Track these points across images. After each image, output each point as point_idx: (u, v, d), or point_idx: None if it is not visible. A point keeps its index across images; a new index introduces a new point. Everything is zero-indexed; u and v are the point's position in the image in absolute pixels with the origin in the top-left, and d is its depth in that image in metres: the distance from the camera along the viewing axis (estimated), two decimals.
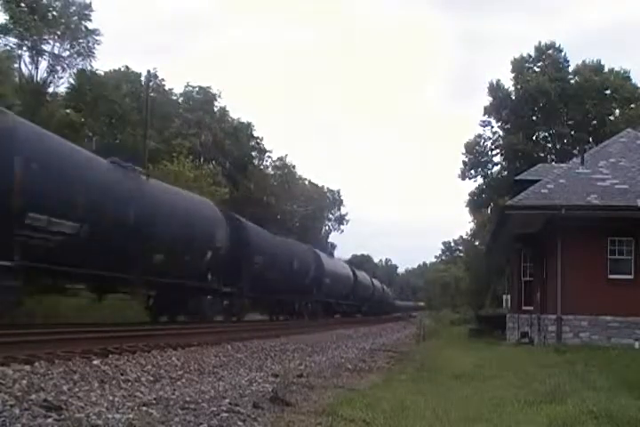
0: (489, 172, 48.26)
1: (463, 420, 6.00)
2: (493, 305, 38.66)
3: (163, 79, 47.01)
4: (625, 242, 17.79)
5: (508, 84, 46.71)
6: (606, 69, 45.99)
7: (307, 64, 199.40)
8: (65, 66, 36.94)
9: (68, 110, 37.75)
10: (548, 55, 46.68)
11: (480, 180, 48.11)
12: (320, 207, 72.42)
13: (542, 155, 45.01)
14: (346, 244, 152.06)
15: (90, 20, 36.62)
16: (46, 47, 36.06)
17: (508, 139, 45.17)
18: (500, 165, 47.89)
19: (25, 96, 33.08)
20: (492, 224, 29.95)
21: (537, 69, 46.23)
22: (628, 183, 18.68)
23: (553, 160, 41.37)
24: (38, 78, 36.63)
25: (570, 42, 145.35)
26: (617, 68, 46.38)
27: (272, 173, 61.61)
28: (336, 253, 68.64)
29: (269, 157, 61.37)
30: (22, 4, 33.93)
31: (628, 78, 45.80)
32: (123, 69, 45.03)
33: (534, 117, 46.30)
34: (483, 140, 47.65)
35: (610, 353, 14.10)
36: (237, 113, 57.66)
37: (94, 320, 17.06)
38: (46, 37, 35.61)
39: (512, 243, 23.07)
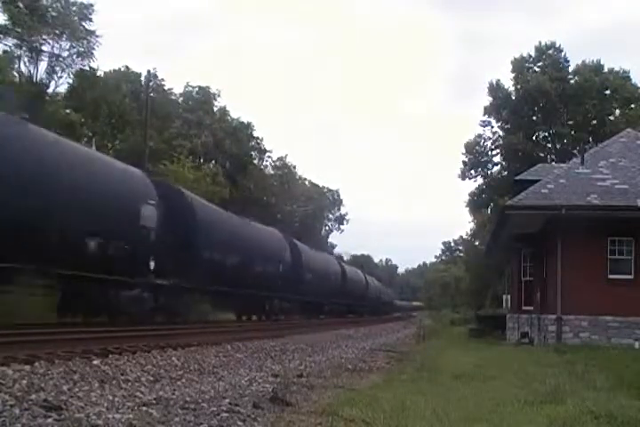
0: (489, 172, 48.33)
1: (463, 420, 5.99)
2: (493, 305, 38.67)
3: (163, 79, 47.05)
4: (625, 242, 17.79)
5: (508, 84, 46.82)
6: (606, 69, 46.00)
7: (307, 64, 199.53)
8: (64, 66, 36.97)
9: (68, 110, 37.78)
10: (548, 55, 46.68)
11: (480, 180, 48.21)
12: (320, 207, 72.45)
13: (542, 155, 45.00)
14: (346, 244, 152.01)
15: (90, 21, 36.69)
16: (45, 48, 36.11)
17: (508, 139, 45.17)
18: (500, 165, 47.95)
19: (24, 96, 33.04)
20: (491, 224, 29.95)
21: (537, 69, 46.22)
22: (628, 183, 18.68)
23: (553, 160, 41.37)
24: (38, 79, 36.66)
25: (570, 42, 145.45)
26: (617, 68, 46.47)
27: (272, 173, 61.62)
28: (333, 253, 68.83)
29: (269, 157, 61.44)
30: (21, 5, 33.91)
31: (628, 78, 45.81)
32: (123, 69, 45.07)
33: (534, 117, 46.31)
34: (483, 140, 47.68)
35: (610, 353, 14.08)
36: (237, 113, 57.52)
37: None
38: (45, 37, 35.62)
39: (512, 243, 23.07)
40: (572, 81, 45.84)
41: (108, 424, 5.18)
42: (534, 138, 46.68)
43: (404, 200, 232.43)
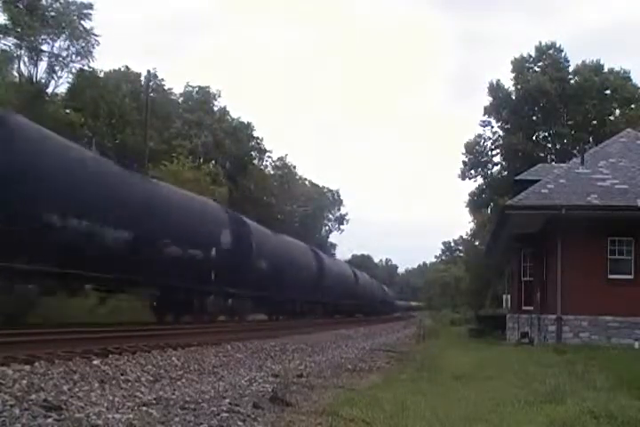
0: (489, 172, 48.33)
1: (463, 420, 5.99)
2: (493, 305, 38.66)
3: (163, 79, 47.15)
4: (625, 242, 17.79)
5: (508, 84, 46.87)
6: (606, 69, 46.05)
7: (307, 64, 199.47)
8: (64, 65, 36.99)
9: (67, 110, 37.79)
10: (549, 55, 46.72)
11: (480, 180, 48.24)
12: (320, 207, 72.54)
13: (542, 155, 45.03)
14: (346, 244, 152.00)
15: (90, 20, 36.72)
16: (45, 47, 36.13)
17: (508, 139, 45.19)
18: (500, 165, 47.96)
19: (24, 96, 33.07)
20: (491, 224, 29.94)
21: (537, 69, 46.26)
22: (628, 183, 18.68)
23: (553, 160, 41.42)
24: (37, 78, 36.68)
25: (570, 42, 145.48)
26: (617, 68, 46.53)
27: (272, 173, 61.69)
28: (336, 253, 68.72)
29: (269, 157, 61.56)
30: (20, 5, 33.92)
31: (628, 78, 45.87)
32: (123, 69, 45.11)
33: (534, 117, 46.34)
34: (483, 141, 47.71)
35: (610, 353, 14.09)
36: (237, 113, 57.62)
37: (101, 320, 16.62)
38: (45, 37, 35.64)
39: (512, 243, 23.06)
40: (572, 81, 45.87)
41: (107, 424, 5.18)
42: (534, 138, 46.70)
43: (404, 200, 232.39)
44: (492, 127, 47.39)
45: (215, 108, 53.21)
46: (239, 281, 22.13)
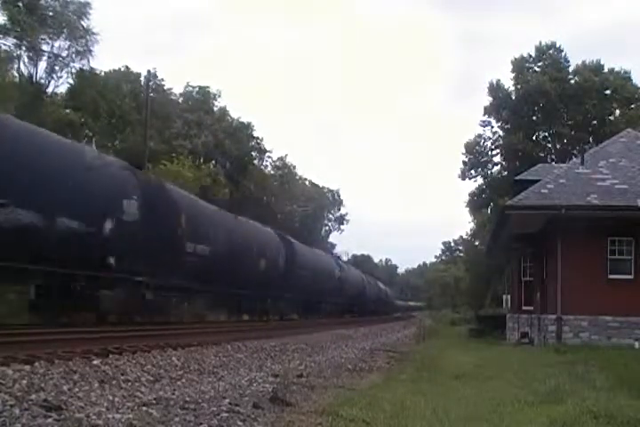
0: (489, 172, 48.34)
1: (463, 420, 6.00)
2: (493, 305, 38.70)
3: (162, 79, 47.10)
4: (625, 242, 17.80)
5: (508, 84, 46.86)
6: (606, 69, 46.03)
7: (307, 64, 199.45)
8: (64, 65, 37.02)
9: (67, 110, 37.83)
10: (549, 55, 46.72)
11: (480, 180, 48.25)
12: (320, 207, 72.51)
13: (542, 155, 45.05)
14: (346, 244, 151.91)
15: (88, 19, 36.74)
16: (45, 47, 36.16)
17: (508, 139, 45.20)
18: (500, 165, 47.98)
19: (24, 96, 33.07)
20: (491, 224, 29.96)
21: (537, 69, 46.26)
22: (628, 183, 18.69)
23: (553, 160, 41.49)
24: (37, 78, 36.71)
25: (570, 42, 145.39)
26: (617, 68, 46.52)
27: (272, 173, 61.67)
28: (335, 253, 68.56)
29: (269, 157, 61.50)
30: (19, 5, 33.93)
31: (629, 78, 45.84)
32: (123, 69, 45.11)
33: (534, 117, 46.34)
34: (483, 141, 47.71)
35: (610, 353, 14.09)
36: (237, 113, 57.55)
37: None
38: (45, 37, 35.66)
39: (512, 243, 23.07)
40: (572, 81, 45.85)
41: (107, 424, 5.18)
42: (534, 138, 46.70)
43: (404, 200, 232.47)
44: (492, 127, 47.46)
45: (215, 108, 53.20)
46: (163, 269, 16.72)
